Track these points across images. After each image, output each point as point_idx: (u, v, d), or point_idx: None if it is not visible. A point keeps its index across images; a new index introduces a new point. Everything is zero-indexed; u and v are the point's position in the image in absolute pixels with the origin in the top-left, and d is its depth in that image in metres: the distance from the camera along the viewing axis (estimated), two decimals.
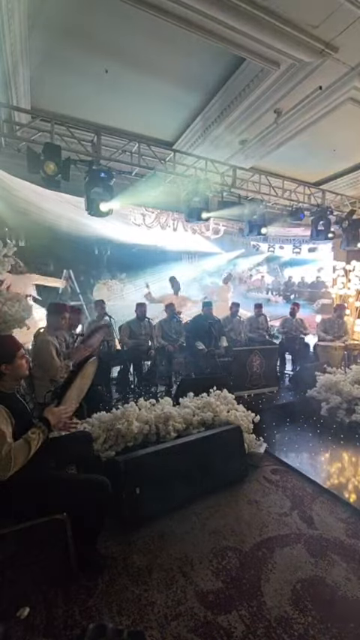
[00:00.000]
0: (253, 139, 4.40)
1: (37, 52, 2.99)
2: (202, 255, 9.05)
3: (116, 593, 1.68)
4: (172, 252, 8.22)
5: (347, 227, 5.97)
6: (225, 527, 2.15)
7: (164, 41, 2.95)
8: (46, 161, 3.36)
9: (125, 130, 4.20)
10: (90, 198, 3.87)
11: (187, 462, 2.40)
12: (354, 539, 2.05)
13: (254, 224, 5.22)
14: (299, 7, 2.59)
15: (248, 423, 2.97)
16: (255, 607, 1.62)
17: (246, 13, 2.59)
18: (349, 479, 2.73)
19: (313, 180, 5.89)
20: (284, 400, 4.34)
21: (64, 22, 2.75)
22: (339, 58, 3.06)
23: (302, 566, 1.85)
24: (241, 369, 4.36)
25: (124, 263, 7.95)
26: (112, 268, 8.02)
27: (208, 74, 3.44)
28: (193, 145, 4.55)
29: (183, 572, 1.82)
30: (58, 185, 3.57)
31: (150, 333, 4.87)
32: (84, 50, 3.05)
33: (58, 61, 3.16)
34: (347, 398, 3.79)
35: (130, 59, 3.17)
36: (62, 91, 3.60)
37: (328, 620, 1.55)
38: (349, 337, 5.80)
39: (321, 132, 4.26)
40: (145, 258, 7.88)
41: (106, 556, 1.90)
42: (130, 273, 8.11)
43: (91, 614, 1.57)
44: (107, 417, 2.68)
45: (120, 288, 8.01)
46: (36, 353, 2.90)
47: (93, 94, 3.66)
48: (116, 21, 2.75)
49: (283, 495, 2.49)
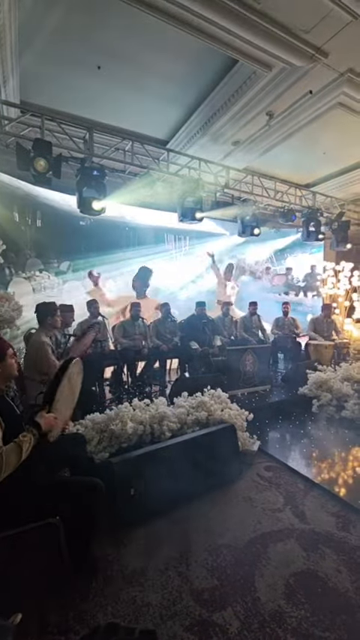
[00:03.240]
0: (246, 140, 4.44)
1: (28, 44, 2.94)
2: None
3: (111, 596, 1.68)
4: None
5: (336, 228, 6.09)
6: (220, 525, 2.18)
7: (158, 40, 2.95)
8: (36, 157, 3.29)
9: (118, 127, 4.17)
10: (82, 197, 3.84)
11: (182, 461, 2.41)
12: (344, 532, 2.10)
13: (247, 224, 5.27)
14: (291, 12, 2.62)
15: (242, 422, 3.00)
16: (249, 603, 1.64)
17: (239, 15, 2.62)
18: (339, 473, 2.79)
19: (304, 183, 5.98)
20: (277, 398, 4.40)
21: (56, 17, 2.72)
22: (329, 63, 3.11)
23: (295, 561, 1.89)
24: (234, 368, 4.40)
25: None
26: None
27: (202, 74, 3.46)
28: (187, 144, 4.56)
29: (178, 572, 1.83)
30: (49, 182, 3.52)
31: (144, 333, 4.86)
32: (76, 45, 3.02)
33: (49, 54, 3.10)
34: (337, 395, 3.88)
35: (124, 56, 3.15)
36: (53, 85, 3.53)
37: (320, 612, 1.59)
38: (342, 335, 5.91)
39: (312, 135, 4.32)
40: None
41: (101, 558, 1.89)
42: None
43: (85, 617, 1.57)
44: (101, 418, 2.67)
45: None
46: (31, 354, 2.86)
47: (85, 90, 3.61)
48: (110, 18, 2.73)
49: (276, 492, 2.53)
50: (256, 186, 5.28)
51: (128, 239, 5.76)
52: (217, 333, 5.39)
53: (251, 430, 3.08)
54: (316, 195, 5.96)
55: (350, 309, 6.78)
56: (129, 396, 4.03)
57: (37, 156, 3.29)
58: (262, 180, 5.33)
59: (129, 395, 4.18)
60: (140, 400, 2.96)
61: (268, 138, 4.37)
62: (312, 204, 5.91)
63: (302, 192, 5.84)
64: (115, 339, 4.68)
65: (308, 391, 4.09)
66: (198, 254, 6.70)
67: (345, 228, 6.13)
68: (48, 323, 3.01)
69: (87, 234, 5.23)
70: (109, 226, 5.20)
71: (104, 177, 3.88)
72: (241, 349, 4.60)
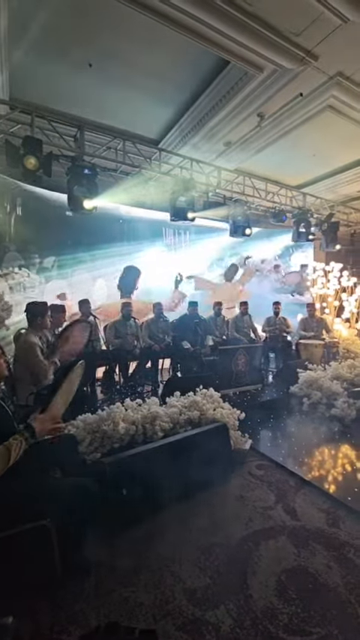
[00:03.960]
0: (238, 140, 4.46)
1: (18, 40, 2.90)
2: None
3: (103, 597, 1.67)
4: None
5: (326, 229, 6.19)
6: (212, 524, 2.18)
7: (150, 39, 2.94)
8: (26, 155, 3.25)
9: (110, 125, 4.15)
10: (73, 195, 3.80)
11: (174, 461, 2.41)
12: (334, 528, 2.13)
13: (239, 225, 5.31)
14: (282, 14, 2.65)
15: (234, 421, 3.02)
16: (242, 600, 1.66)
17: (230, 16, 2.63)
18: (329, 471, 2.83)
19: (295, 184, 6.05)
20: (268, 397, 4.44)
21: (47, 13, 2.68)
22: (318, 66, 3.16)
23: (286, 557, 1.91)
24: (226, 368, 4.42)
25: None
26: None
27: (194, 74, 3.46)
28: (179, 144, 4.56)
29: (171, 571, 1.83)
30: (40, 181, 3.48)
31: (136, 333, 4.84)
32: (67, 42, 2.99)
33: (40, 50, 3.07)
34: (327, 393, 3.93)
35: (115, 55, 3.14)
36: (44, 82, 3.49)
37: (311, 608, 1.61)
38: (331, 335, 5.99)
39: (302, 137, 4.38)
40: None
41: (93, 560, 1.87)
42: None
43: (78, 618, 1.55)
44: (92, 418, 2.65)
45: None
46: (20, 355, 2.82)
47: (76, 88, 3.58)
48: (102, 16, 2.71)
49: (267, 489, 2.56)
50: (248, 186, 5.32)
51: (122, 233, 5.23)
52: (209, 332, 5.41)
53: (243, 429, 3.10)
54: (306, 197, 6.04)
55: (339, 308, 6.89)
56: (121, 396, 4.01)
57: (28, 154, 3.25)
58: (253, 180, 5.37)
59: (121, 395, 4.16)
60: (132, 400, 2.95)
61: (259, 139, 4.41)
62: (302, 205, 5.99)
63: (293, 193, 5.91)
64: (106, 339, 4.65)
65: (299, 390, 4.14)
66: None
67: (334, 230, 6.23)
68: (37, 323, 2.98)
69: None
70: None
71: (96, 176, 3.86)
72: (232, 349, 4.63)
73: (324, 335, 5.91)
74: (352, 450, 3.18)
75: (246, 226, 5.32)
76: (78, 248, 4.99)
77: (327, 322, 6.19)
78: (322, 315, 6.61)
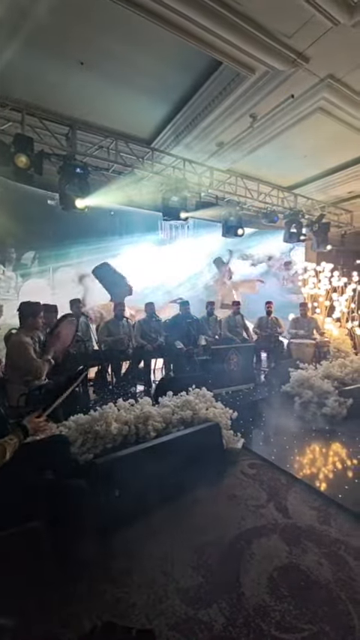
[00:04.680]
0: (230, 141, 4.48)
1: (8, 38, 2.86)
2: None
3: (96, 598, 1.66)
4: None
5: (317, 230, 6.26)
6: (205, 523, 2.19)
7: (142, 39, 2.93)
8: (17, 153, 3.21)
9: (102, 125, 4.12)
10: (65, 194, 3.76)
11: (167, 460, 2.40)
12: (325, 526, 2.16)
13: (231, 225, 5.33)
14: (273, 16, 2.67)
15: (226, 420, 3.03)
16: (234, 599, 1.66)
17: (221, 15, 2.63)
18: (320, 469, 2.87)
19: (286, 185, 6.10)
20: (260, 396, 4.47)
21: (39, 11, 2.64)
22: (310, 68, 3.19)
23: (278, 555, 1.93)
24: (219, 367, 4.44)
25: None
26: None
27: (186, 75, 3.46)
28: (172, 144, 4.55)
29: (163, 571, 1.83)
30: (31, 179, 3.43)
31: (128, 333, 4.83)
32: (58, 40, 2.95)
33: (31, 48, 3.02)
34: (318, 392, 3.97)
35: (107, 54, 3.11)
36: (35, 80, 3.44)
37: (303, 605, 1.63)
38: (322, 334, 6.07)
39: (293, 138, 4.42)
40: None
41: (85, 560, 1.86)
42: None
43: (71, 620, 1.54)
44: (85, 419, 2.63)
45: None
46: (11, 355, 2.79)
47: (67, 86, 3.54)
48: (95, 15, 2.69)
49: (259, 488, 2.57)
50: (240, 187, 5.35)
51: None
52: (202, 332, 5.42)
53: (235, 428, 3.12)
54: (297, 198, 6.10)
55: (330, 308, 6.98)
56: (113, 397, 3.99)
57: (18, 152, 3.21)
58: (245, 181, 5.40)
59: (113, 395, 4.14)
60: (125, 400, 2.94)
61: (251, 140, 4.43)
62: (294, 206, 6.05)
63: (284, 194, 5.96)
64: (98, 339, 4.62)
65: (290, 389, 4.18)
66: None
67: (325, 230, 6.31)
68: (29, 323, 2.95)
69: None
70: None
71: (88, 175, 3.83)
72: (225, 348, 4.65)
73: (315, 335, 5.98)
74: (343, 448, 3.22)
75: (238, 227, 5.35)
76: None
77: (318, 322, 6.27)
78: (314, 314, 6.69)
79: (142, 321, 5.12)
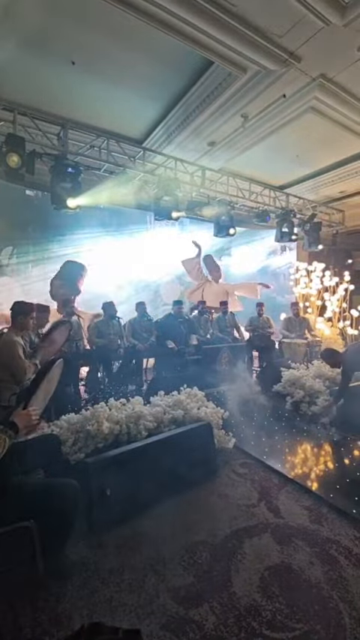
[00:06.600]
0: (222, 140, 4.48)
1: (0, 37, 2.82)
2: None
3: (87, 597, 1.64)
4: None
5: (309, 229, 6.31)
6: (196, 523, 2.18)
7: (134, 38, 2.91)
8: (8, 153, 3.20)
9: (93, 124, 4.09)
10: (56, 194, 3.73)
11: (159, 460, 2.40)
12: (316, 525, 2.17)
13: (223, 225, 5.33)
14: (266, 16, 2.67)
15: (218, 419, 3.03)
16: (225, 598, 1.66)
17: (214, 16, 2.64)
18: (312, 468, 2.88)
19: (278, 184, 6.14)
20: (252, 396, 4.47)
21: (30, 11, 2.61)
22: (301, 68, 3.21)
23: (270, 554, 1.93)
24: (210, 367, 4.44)
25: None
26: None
27: (178, 74, 3.45)
28: (163, 143, 4.54)
29: (155, 571, 1.82)
30: (22, 178, 3.40)
31: (119, 333, 4.80)
32: (50, 39, 2.92)
33: (22, 48, 3.00)
34: (309, 392, 4.00)
35: (99, 53, 3.09)
36: (27, 79, 3.41)
37: (294, 604, 1.63)
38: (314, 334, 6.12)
39: (285, 138, 4.44)
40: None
41: (76, 560, 1.85)
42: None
43: (61, 620, 1.53)
44: (76, 418, 2.61)
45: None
46: (1, 355, 2.75)
47: (59, 86, 3.51)
48: (86, 14, 2.66)
49: (251, 487, 2.58)
50: (232, 186, 5.36)
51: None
52: (194, 332, 5.42)
53: (227, 428, 3.12)
54: (289, 197, 6.14)
55: (322, 308, 7.05)
56: (105, 396, 3.96)
57: (10, 151, 3.20)
58: (237, 181, 5.41)
59: (105, 395, 4.11)
60: (116, 400, 2.92)
61: (243, 139, 4.44)
62: (285, 205, 6.08)
63: (276, 193, 6.00)
64: (89, 339, 4.58)
65: (282, 388, 4.20)
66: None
67: (317, 230, 6.36)
68: (19, 322, 2.92)
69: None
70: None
71: (79, 174, 3.80)
72: (216, 348, 4.66)
73: (306, 334, 6.02)
74: (334, 448, 3.25)
75: (230, 226, 5.35)
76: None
77: (309, 321, 6.32)
78: (305, 314, 6.74)
79: (133, 321, 5.09)
